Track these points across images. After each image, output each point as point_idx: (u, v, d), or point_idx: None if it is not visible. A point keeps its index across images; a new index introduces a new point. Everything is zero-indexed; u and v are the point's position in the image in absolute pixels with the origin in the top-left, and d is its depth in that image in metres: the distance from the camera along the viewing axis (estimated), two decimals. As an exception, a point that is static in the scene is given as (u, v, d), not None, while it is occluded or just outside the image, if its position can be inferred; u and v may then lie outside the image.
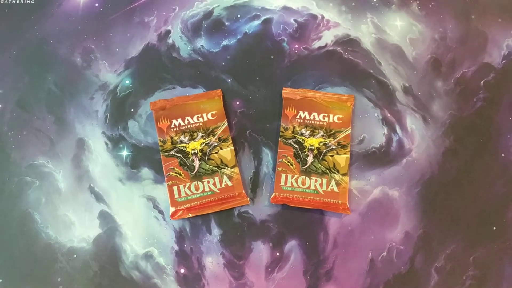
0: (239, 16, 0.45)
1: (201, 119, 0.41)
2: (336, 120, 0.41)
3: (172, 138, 0.40)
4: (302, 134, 0.40)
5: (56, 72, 0.44)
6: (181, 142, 0.40)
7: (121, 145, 0.41)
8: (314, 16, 0.45)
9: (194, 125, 0.41)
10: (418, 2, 0.46)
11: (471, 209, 0.36)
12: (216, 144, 0.40)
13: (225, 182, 0.39)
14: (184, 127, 0.41)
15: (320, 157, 0.39)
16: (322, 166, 0.39)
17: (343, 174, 0.39)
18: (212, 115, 0.41)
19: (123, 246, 0.38)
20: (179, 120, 0.41)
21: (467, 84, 0.43)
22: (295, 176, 0.39)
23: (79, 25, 0.45)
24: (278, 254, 0.38)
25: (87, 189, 0.40)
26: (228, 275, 0.38)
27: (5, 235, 0.39)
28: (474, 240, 0.36)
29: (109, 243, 0.38)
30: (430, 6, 0.45)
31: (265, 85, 0.43)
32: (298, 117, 0.41)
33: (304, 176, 0.39)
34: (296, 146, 0.40)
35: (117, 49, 0.44)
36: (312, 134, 0.40)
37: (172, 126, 0.41)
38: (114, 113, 0.42)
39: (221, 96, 0.42)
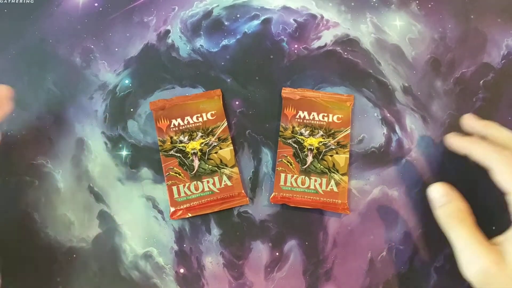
0: (238, 16, 0.45)
1: (200, 119, 0.41)
2: (335, 120, 0.41)
3: (171, 138, 0.40)
4: (301, 134, 0.40)
5: (56, 72, 0.44)
6: (181, 142, 0.40)
7: (120, 145, 0.41)
8: (313, 16, 0.45)
9: (193, 125, 0.41)
10: (417, 2, 0.46)
11: (470, 209, 0.36)
12: (215, 144, 0.40)
13: (225, 182, 0.39)
14: (183, 127, 0.41)
15: (320, 157, 0.39)
16: (321, 166, 0.39)
17: (343, 174, 0.39)
18: (212, 115, 0.41)
19: (123, 246, 0.38)
20: (179, 120, 0.41)
21: (467, 84, 0.43)
22: (295, 176, 0.39)
23: (79, 25, 0.45)
24: (277, 254, 0.38)
25: (87, 189, 0.40)
26: (228, 275, 0.38)
27: (4, 235, 0.39)
28: (473, 240, 0.36)
29: (108, 243, 0.38)
30: (430, 6, 0.45)
31: (265, 85, 0.43)
32: (297, 117, 0.41)
33: (303, 176, 0.39)
34: (295, 146, 0.40)
35: (116, 49, 0.44)
36: (312, 134, 0.40)
37: (172, 126, 0.41)
38: (114, 113, 0.42)
39: (221, 96, 0.42)
